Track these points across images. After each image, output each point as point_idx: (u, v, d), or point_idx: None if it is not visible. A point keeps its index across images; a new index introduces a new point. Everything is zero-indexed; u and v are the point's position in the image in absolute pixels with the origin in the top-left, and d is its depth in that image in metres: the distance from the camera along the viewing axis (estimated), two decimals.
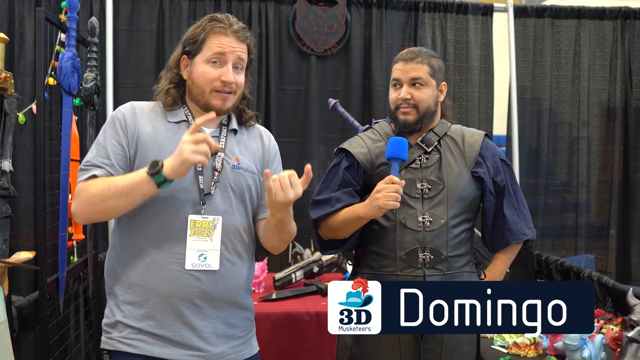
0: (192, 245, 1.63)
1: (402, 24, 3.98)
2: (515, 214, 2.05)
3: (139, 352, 1.62)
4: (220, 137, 1.72)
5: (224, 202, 1.67)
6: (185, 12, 3.74)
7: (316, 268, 3.31)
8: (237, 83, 1.71)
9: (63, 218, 2.51)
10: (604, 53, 4.13)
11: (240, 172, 1.72)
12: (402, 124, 1.97)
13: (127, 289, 1.66)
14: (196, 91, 1.70)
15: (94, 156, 1.65)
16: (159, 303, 1.62)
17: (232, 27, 1.69)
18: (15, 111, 2.03)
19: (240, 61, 1.71)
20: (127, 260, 1.66)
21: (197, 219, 1.64)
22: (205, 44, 1.68)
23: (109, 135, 1.67)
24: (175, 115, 1.72)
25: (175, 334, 1.63)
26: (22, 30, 3.57)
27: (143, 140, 1.66)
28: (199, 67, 1.69)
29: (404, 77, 1.96)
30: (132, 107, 1.73)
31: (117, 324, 1.65)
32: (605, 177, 4.14)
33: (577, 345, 2.12)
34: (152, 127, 1.68)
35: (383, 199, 1.76)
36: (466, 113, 3.99)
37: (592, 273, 2.99)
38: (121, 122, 1.68)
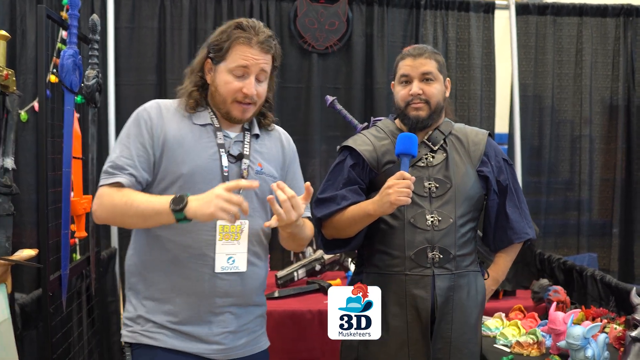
0: (221, 249, 1.68)
1: (404, 21, 3.97)
2: (517, 214, 2.05)
3: (160, 344, 1.68)
4: (244, 142, 1.76)
5: (248, 208, 1.66)
6: (186, 9, 3.73)
7: (318, 266, 3.30)
8: (259, 94, 1.73)
9: (65, 215, 2.50)
10: (606, 51, 4.12)
11: (263, 177, 1.75)
12: (414, 119, 1.94)
13: (151, 287, 1.71)
14: (218, 99, 1.73)
15: (118, 156, 1.66)
16: (183, 301, 1.68)
17: (258, 37, 1.68)
18: (17, 109, 2.02)
19: (262, 73, 1.72)
20: (152, 259, 1.71)
21: (225, 223, 1.66)
22: (230, 54, 1.69)
23: (133, 135, 1.68)
24: (200, 117, 1.74)
25: (195, 329, 1.69)
26: (23, 27, 3.56)
27: (169, 142, 1.68)
28: (222, 76, 1.71)
29: (414, 73, 1.94)
30: (158, 107, 1.73)
31: (139, 318, 1.71)
32: (608, 175, 4.13)
33: (580, 344, 2.11)
34: (178, 129, 1.70)
35: (395, 194, 1.74)
36: (468, 111, 3.98)
37: (595, 272, 2.98)
38: (147, 123, 1.69)
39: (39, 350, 2.36)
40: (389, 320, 1.89)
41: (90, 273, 2.92)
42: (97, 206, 1.65)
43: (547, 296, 2.91)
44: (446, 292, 1.88)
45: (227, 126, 1.76)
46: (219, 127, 1.74)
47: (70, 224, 2.59)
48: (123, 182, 1.62)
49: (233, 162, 1.72)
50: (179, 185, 1.66)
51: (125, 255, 1.82)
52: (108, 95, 3.58)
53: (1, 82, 1.89)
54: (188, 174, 1.66)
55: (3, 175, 1.97)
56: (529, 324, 2.58)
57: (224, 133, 1.74)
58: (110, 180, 1.63)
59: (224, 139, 1.73)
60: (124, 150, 1.66)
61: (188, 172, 1.66)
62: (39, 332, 2.38)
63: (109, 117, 3.60)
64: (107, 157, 1.71)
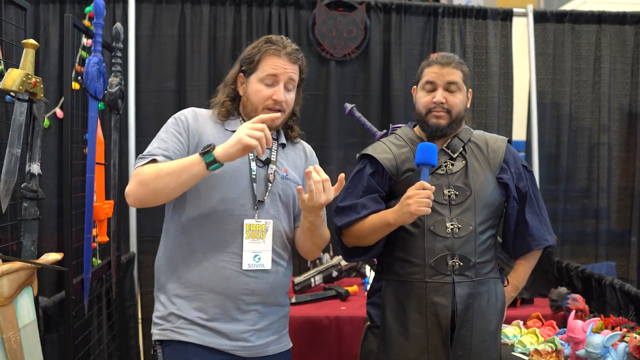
0: (248, 247, 1.77)
1: (421, 29, 3.99)
2: (537, 220, 2.06)
3: (191, 340, 1.75)
4: (272, 150, 1.86)
5: (273, 209, 1.81)
6: (206, 17, 3.77)
7: (335, 272, 3.31)
8: (287, 102, 1.85)
9: (88, 220, 2.55)
10: (625, 58, 4.10)
11: (287, 183, 1.85)
12: (434, 127, 1.96)
13: (180, 284, 1.78)
14: (250, 107, 1.84)
15: (155, 148, 1.76)
16: (211, 298, 1.75)
17: (286, 49, 1.83)
18: (44, 115, 2.06)
19: (291, 81, 1.84)
20: (181, 258, 1.79)
21: (252, 222, 1.78)
22: (260, 65, 1.82)
23: (171, 131, 1.79)
24: (232, 124, 1.85)
25: (223, 326, 1.75)
26: (47, 35, 3.63)
27: (203, 142, 1.76)
28: (254, 86, 1.83)
29: (439, 81, 1.95)
30: (193, 112, 1.86)
31: (170, 316, 1.78)
32: (626, 184, 4.10)
33: (600, 353, 2.10)
34: (212, 133, 1.81)
35: (415, 204, 1.76)
36: (485, 118, 3.98)
37: (614, 280, 2.96)
38: (184, 123, 1.81)
39: (61, 353, 2.40)
40: (409, 327, 1.90)
41: (111, 277, 2.96)
42: (129, 186, 1.72)
43: (565, 304, 2.90)
44: (466, 299, 1.89)
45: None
46: None
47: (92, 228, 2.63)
48: (157, 159, 1.71)
49: (261, 166, 1.83)
50: (210, 185, 1.75)
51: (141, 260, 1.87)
52: (128, 102, 3.63)
53: (30, 90, 1.93)
54: (218, 174, 1.73)
55: (29, 181, 2.01)
56: (547, 332, 2.58)
57: None
58: (143, 161, 1.72)
59: None
60: (161, 142, 1.77)
61: (219, 172, 1.71)
62: (60, 335, 2.42)
63: (129, 123, 3.65)
64: (127, 162, 1.78)
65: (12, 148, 1.93)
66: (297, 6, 3.86)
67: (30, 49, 1.96)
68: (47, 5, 3.64)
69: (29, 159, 2.04)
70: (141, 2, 3.73)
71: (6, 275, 1.72)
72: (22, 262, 1.80)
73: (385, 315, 1.95)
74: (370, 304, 2.05)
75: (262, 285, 1.79)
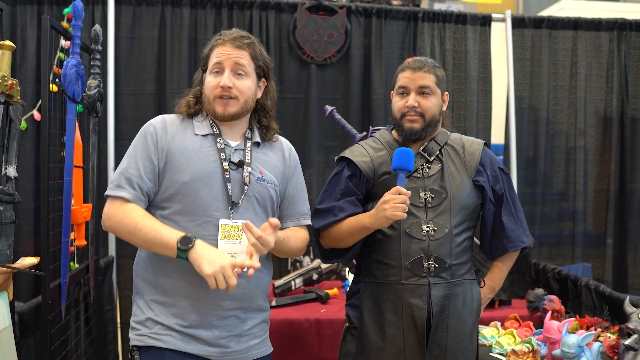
0: (223, 247, 1.73)
1: (402, 33, 4.02)
2: (513, 222, 2.08)
3: (168, 346, 1.73)
4: (245, 151, 1.83)
5: (247, 212, 1.78)
6: (186, 20, 3.76)
7: (315, 275, 3.32)
8: (238, 87, 1.80)
9: (66, 224, 2.52)
10: (601, 64, 4.18)
11: (263, 184, 1.83)
12: (408, 131, 1.98)
13: (157, 290, 1.77)
14: (206, 102, 1.83)
15: (125, 168, 1.76)
16: (188, 305, 1.73)
17: (230, 36, 1.81)
18: (20, 118, 2.04)
19: (238, 66, 1.79)
20: (158, 263, 1.77)
21: (228, 223, 1.75)
22: (209, 58, 1.83)
23: (140, 148, 1.78)
24: (202, 128, 1.83)
25: (201, 332, 1.73)
26: (24, 37, 3.60)
27: (173, 152, 1.76)
28: (206, 80, 1.83)
29: (411, 85, 1.98)
30: (163, 121, 1.83)
31: (147, 321, 1.76)
32: (602, 186, 4.17)
33: (575, 352, 2.13)
34: (181, 141, 1.79)
35: (391, 209, 1.78)
36: (464, 122, 4.03)
37: (589, 281, 3.01)
38: (152, 136, 1.79)
39: (37, 358, 2.37)
40: (385, 328, 1.92)
41: (89, 281, 2.93)
42: (107, 219, 1.75)
43: (542, 305, 2.94)
44: (442, 300, 1.91)
45: (228, 135, 1.85)
46: (219, 134, 1.82)
47: (70, 232, 2.61)
48: (127, 197, 1.72)
49: (234, 169, 1.80)
50: (182, 194, 1.74)
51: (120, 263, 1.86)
52: (108, 105, 3.60)
53: (6, 92, 1.91)
54: (190, 182, 1.74)
55: (5, 184, 1.99)
56: (524, 332, 2.61)
57: (224, 141, 1.82)
58: (116, 192, 1.74)
59: (224, 146, 1.81)
60: (131, 162, 1.77)
61: (190, 179, 1.74)
62: (37, 340, 2.39)
63: (108, 126, 3.62)
64: (106, 165, 1.78)
65: None
66: (278, 9, 3.87)
67: (6, 50, 1.94)
68: (25, 6, 3.60)
69: (5, 161, 2.02)
70: (121, 3, 3.71)
71: None
72: None
73: (363, 316, 1.97)
74: (348, 305, 2.06)
75: (240, 290, 1.74)
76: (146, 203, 1.77)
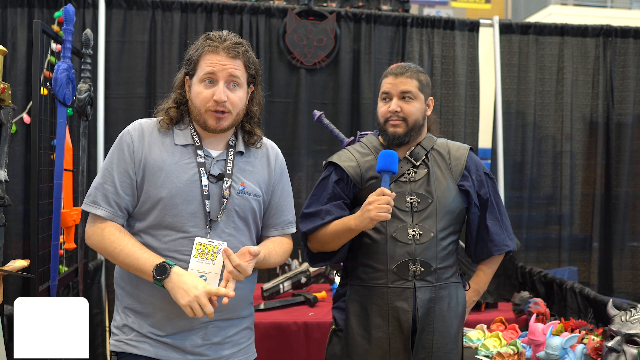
0: (194, 266, 1.67)
1: (391, 38, 4.06)
2: (497, 226, 2.11)
3: (144, 354, 1.69)
4: (227, 161, 1.75)
5: (228, 227, 1.72)
6: (177, 24, 3.78)
7: (304, 279, 3.34)
8: (232, 101, 1.71)
9: (55, 227, 2.53)
10: (587, 69, 4.24)
11: (245, 197, 1.75)
12: (392, 136, 2.01)
13: (133, 300, 1.73)
14: (194, 111, 1.74)
15: (101, 184, 1.70)
16: (164, 317, 1.70)
17: (224, 44, 1.70)
18: (11, 121, 2.06)
19: (233, 78, 1.70)
20: (134, 274, 1.70)
21: (203, 242, 1.68)
22: (199, 64, 1.71)
23: (117, 161, 1.71)
24: (182, 137, 1.75)
25: (178, 341, 1.70)
26: (14, 40, 3.60)
27: (150, 166, 1.70)
28: (195, 88, 1.72)
29: (394, 91, 2.01)
30: (140, 129, 1.74)
31: (124, 327, 1.73)
32: (588, 191, 4.23)
33: (559, 354, 2.17)
34: (159, 152, 1.71)
35: (375, 210, 1.80)
36: (452, 127, 4.07)
37: (575, 284, 3.05)
38: (129, 147, 1.71)
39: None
40: (371, 331, 1.94)
41: (78, 284, 2.94)
42: (87, 238, 1.73)
43: (527, 308, 2.98)
44: (427, 303, 1.93)
45: (210, 144, 1.76)
46: (200, 146, 1.73)
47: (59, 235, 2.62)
48: (103, 216, 1.69)
49: (214, 182, 1.72)
50: (159, 209, 1.68)
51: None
52: (98, 108, 3.62)
53: None
54: (167, 197, 1.67)
55: None
56: (510, 335, 2.64)
57: (205, 152, 1.73)
58: (92, 210, 1.70)
59: (205, 158, 1.73)
60: (107, 176, 1.71)
61: (167, 195, 1.67)
62: None
63: (98, 129, 3.63)
64: (95, 169, 1.77)
65: None
66: (268, 14, 3.90)
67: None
68: (15, 9, 3.60)
69: None
70: (111, 7, 3.72)
71: None
72: None
73: (349, 319, 1.99)
74: (335, 308, 2.08)
75: (218, 306, 1.64)
76: (124, 218, 1.72)
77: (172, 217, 1.67)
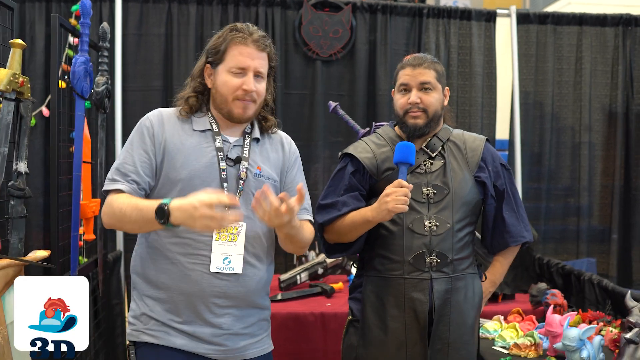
0: (217, 249, 1.71)
1: (407, 29, 4.04)
2: (514, 217, 2.10)
3: (162, 342, 1.71)
4: (244, 146, 1.80)
5: (246, 209, 1.73)
6: (193, 16, 3.80)
7: (321, 270, 3.36)
8: (258, 91, 1.78)
9: (75, 218, 2.57)
10: (606, 59, 4.18)
11: (262, 180, 1.79)
12: (412, 127, 2.00)
13: (151, 285, 1.75)
14: (219, 99, 1.78)
15: (121, 163, 1.74)
16: (182, 301, 1.71)
17: (252, 37, 1.76)
18: (31, 114, 2.09)
19: (260, 70, 1.77)
20: (152, 258, 1.75)
21: None
22: (227, 54, 1.76)
23: (137, 143, 1.76)
24: (200, 123, 1.80)
25: (197, 329, 1.71)
26: (32, 34, 3.64)
27: (170, 149, 1.74)
28: (222, 77, 1.77)
29: (413, 82, 2.00)
30: (160, 116, 1.79)
31: (142, 316, 1.75)
32: (607, 182, 4.18)
33: (576, 346, 2.16)
34: (178, 136, 1.76)
35: (392, 202, 1.80)
36: (469, 118, 4.04)
37: (593, 276, 3.03)
38: (149, 130, 1.76)
39: None
40: (387, 322, 1.95)
41: (98, 275, 2.98)
42: (104, 214, 1.73)
43: (544, 299, 2.96)
44: (444, 294, 1.94)
45: (227, 131, 1.82)
46: (218, 132, 1.79)
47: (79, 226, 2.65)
48: (123, 189, 1.69)
49: (231, 165, 1.77)
50: (178, 189, 1.71)
51: (128, 258, 1.87)
52: (115, 101, 3.64)
53: (17, 89, 1.95)
54: (187, 179, 1.71)
55: (16, 179, 2.04)
56: (527, 326, 2.63)
57: (222, 137, 1.79)
58: (111, 186, 1.71)
59: (223, 143, 1.78)
60: (127, 157, 1.74)
61: (186, 176, 1.72)
62: None
63: (116, 122, 3.66)
64: (113, 161, 1.79)
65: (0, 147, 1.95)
66: (283, 6, 3.89)
67: (17, 48, 1.98)
68: (33, 4, 3.64)
69: (15, 157, 2.06)
70: (128, 0, 3.74)
71: None
72: (9, 260, 1.82)
73: (365, 310, 2.00)
74: (352, 299, 2.09)
75: (235, 289, 1.72)
76: (142, 196, 1.73)
77: None
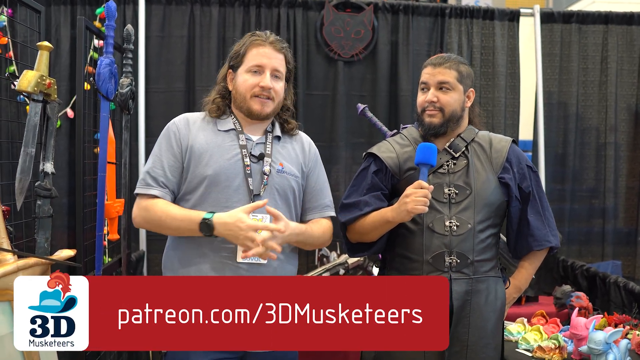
0: None
1: (429, 29, 4.01)
2: (539, 221, 2.05)
3: None
4: (266, 144, 1.90)
5: (270, 203, 1.81)
6: (215, 18, 3.82)
7: (342, 270, 3.35)
8: (275, 90, 1.89)
9: (100, 218, 2.60)
10: (632, 58, 4.11)
11: (284, 176, 1.88)
12: (427, 126, 2.01)
13: None
14: (239, 98, 1.89)
15: (151, 168, 1.86)
16: None
17: (269, 39, 1.90)
18: (57, 116, 2.12)
19: (277, 70, 1.89)
20: (184, 254, 1.83)
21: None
22: (246, 57, 1.90)
23: (165, 147, 1.88)
24: (224, 124, 1.91)
25: None
26: (58, 36, 3.69)
27: (196, 150, 1.85)
28: (241, 77, 1.89)
29: (431, 81, 2.01)
30: (185, 120, 1.91)
31: None
32: (633, 183, 4.11)
33: (602, 349, 2.13)
34: (204, 137, 1.87)
35: (412, 203, 1.81)
36: (492, 118, 4.00)
37: (618, 279, 2.98)
38: (176, 135, 1.88)
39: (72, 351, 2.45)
40: None
41: (122, 274, 3.01)
42: (136, 216, 1.86)
43: (569, 302, 2.93)
44: (463, 296, 1.92)
45: (250, 130, 1.92)
46: (241, 131, 1.90)
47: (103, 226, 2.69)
48: (157, 194, 1.82)
49: (255, 162, 1.86)
50: (205, 185, 1.82)
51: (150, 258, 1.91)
52: (138, 102, 3.68)
53: (44, 90, 1.98)
54: (213, 175, 1.82)
55: (43, 179, 2.07)
56: (551, 329, 2.61)
57: (246, 136, 1.90)
58: (145, 191, 1.84)
59: (246, 141, 1.88)
60: (157, 161, 1.87)
61: (213, 173, 1.82)
62: None
63: (140, 122, 3.70)
64: (137, 162, 1.85)
65: (27, 147, 1.98)
66: (305, 7, 3.90)
67: (44, 50, 2.01)
68: (59, 7, 3.69)
69: (42, 158, 2.09)
70: (151, 3, 3.78)
71: (21, 271, 1.77)
72: (36, 258, 1.85)
73: None
74: None
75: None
76: (172, 199, 1.87)
77: (217, 193, 1.80)
